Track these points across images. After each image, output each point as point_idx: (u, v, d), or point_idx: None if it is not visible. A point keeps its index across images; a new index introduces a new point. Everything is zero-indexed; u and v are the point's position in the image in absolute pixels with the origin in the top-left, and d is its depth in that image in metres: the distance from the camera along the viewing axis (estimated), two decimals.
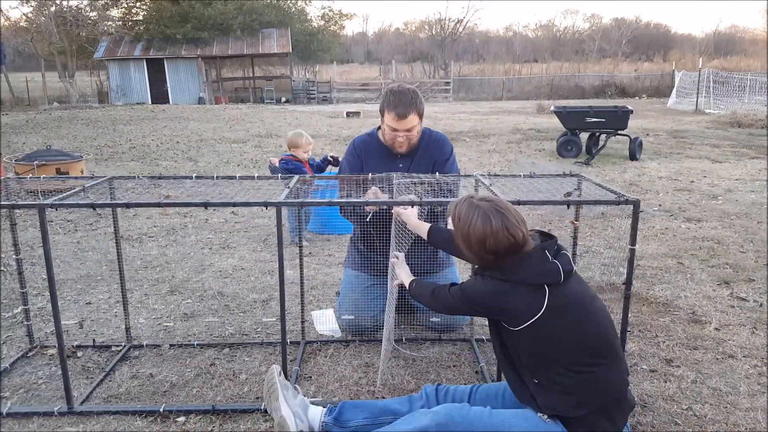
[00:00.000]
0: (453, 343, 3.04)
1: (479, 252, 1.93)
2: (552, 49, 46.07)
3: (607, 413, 1.91)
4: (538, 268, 1.89)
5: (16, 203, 2.30)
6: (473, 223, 1.91)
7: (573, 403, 1.88)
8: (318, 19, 35.59)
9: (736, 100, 19.87)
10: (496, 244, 1.88)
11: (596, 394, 1.90)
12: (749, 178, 7.77)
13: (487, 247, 1.89)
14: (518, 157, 9.80)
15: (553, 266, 1.89)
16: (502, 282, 1.92)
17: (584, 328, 1.91)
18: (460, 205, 1.99)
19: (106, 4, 28.98)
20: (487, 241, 1.89)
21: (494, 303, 1.93)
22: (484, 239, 1.89)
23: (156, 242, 4.94)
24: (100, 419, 2.35)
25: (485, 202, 1.95)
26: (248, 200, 2.37)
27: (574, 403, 1.88)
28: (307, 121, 16.69)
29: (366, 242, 3.07)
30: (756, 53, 37.48)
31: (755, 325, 3.24)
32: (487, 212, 1.90)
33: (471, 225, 1.91)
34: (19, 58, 38.60)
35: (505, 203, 1.96)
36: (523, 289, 1.88)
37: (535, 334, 1.88)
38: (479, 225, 1.90)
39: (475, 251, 1.95)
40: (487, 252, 1.91)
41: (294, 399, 2.16)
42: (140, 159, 9.75)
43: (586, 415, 1.88)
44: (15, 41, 29.55)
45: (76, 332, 3.17)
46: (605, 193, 2.44)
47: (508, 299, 1.90)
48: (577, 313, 1.90)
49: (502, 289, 1.91)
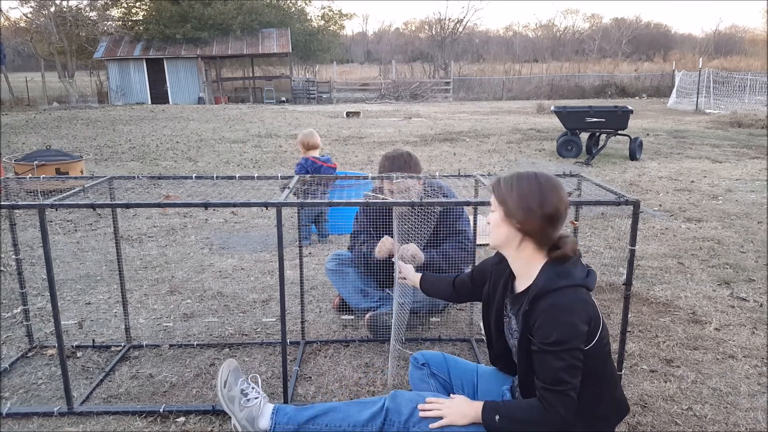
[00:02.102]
0: (453, 343, 3.04)
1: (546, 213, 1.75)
2: (552, 49, 46.07)
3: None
4: (585, 268, 1.82)
5: (16, 203, 2.29)
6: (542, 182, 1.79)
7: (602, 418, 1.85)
8: (318, 18, 35.65)
9: (737, 100, 19.87)
10: (556, 206, 1.76)
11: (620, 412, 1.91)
12: (749, 178, 7.77)
13: (546, 208, 1.75)
14: (518, 157, 9.80)
15: (593, 274, 1.83)
16: (573, 291, 1.74)
17: (609, 345, 1.88)
18: (506, 177, 1.85)
19: (106, 4, 29.00)
20: (551, 199, 1.75)
21: (584, 320, 1.71)
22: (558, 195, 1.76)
23: (156, 242, 4.94)
24: (100, 419, 2.35)
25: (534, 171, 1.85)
26: (248, 200, 2.36)
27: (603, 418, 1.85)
28: (307, 121, 16.69)
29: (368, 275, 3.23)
30: (756, 53, 37.48)
31: (755, 326, 3.24)
32: (544, 174, 1.83)
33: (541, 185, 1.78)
34: (19, 58, 38.59)
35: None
36: (585, 292, 1.77)
37: (596, 351, 1.75)
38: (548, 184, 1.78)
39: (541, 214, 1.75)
40: (552, 216, 1.76)
41: (241, 412, 2.12)
42: (140, 159, 9.75)
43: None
44: (15, 41, 29.55)
45: (76, 332, 3.17)
46: (605, 194, 2.44)
47: (586, 306, 1.74)
48: (606, 328, 1.86)
49: (578, 301, 1.73)
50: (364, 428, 1.97)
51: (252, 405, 2.12)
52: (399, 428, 1.93)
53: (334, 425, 2.00)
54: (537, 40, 52.74)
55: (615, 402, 1.89)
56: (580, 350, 1.71)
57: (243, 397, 2.15)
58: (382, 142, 11.80)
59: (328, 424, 2.01)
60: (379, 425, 1.95)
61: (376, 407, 1.99)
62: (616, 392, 1.90)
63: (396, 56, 41.43)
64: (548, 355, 1.71)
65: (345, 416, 2.01)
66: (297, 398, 2.53)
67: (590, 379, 1.77)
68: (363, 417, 1.98)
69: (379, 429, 1.95)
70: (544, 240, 1.81)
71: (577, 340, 1.70)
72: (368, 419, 1.97)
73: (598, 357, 1.77)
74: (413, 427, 1.92)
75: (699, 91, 20.22)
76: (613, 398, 1.88)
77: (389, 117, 18.21)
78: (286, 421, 2.05)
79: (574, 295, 1.74)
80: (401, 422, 1.93)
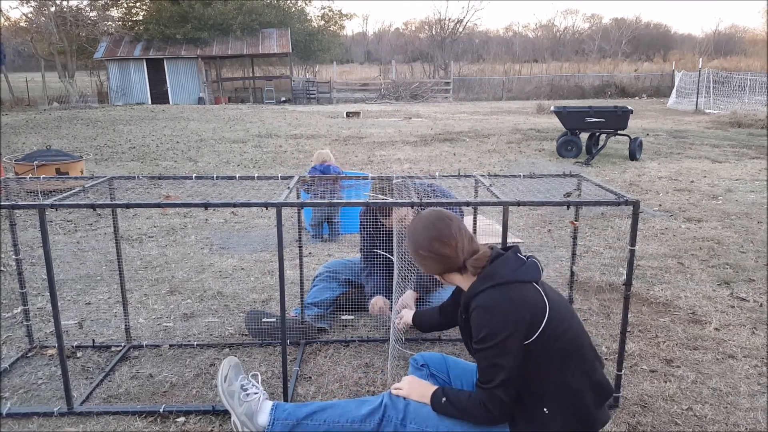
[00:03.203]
0: (453, 343, 3.04)
1: (433, 252, 1.90)
2: (552, 49, 46.07)
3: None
4: (518, 263, 1.84)
5: (16, 203, 2.29)
6: (418, 229, 1.94)
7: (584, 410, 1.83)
8: (318, 19, 35.65)
9: (736, 100, 19.87)
10: (446, 237, 1.88)
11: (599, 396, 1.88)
12: (749, 178, 7.77)
13: (436, 242, 1.88)
14: (518, 157, 9.80)
15: (532, 263, 1.86)
16: (497, 290, 1.78)
17: (579, 328, 1.88)
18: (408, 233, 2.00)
19: (106, 4, 29.00)
20: (437, 236, 1.89)
21: (512, 318, 1.74)
22: (433, 236, 1.89)
23: (156, 242, 4.94)
24: (100, 419, 2.35)
25: (425, 214, 1.98)
26: (248, 200, 2.36)
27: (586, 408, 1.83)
28: (307, 121, 16.70)
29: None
30: (756, 53, 37.48)
31: (755, 326, 3.24)
32: (428, 218, 1.94)
33: (416, 232, 1.94)
34: (19, 59, 38.61)
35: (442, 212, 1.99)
36: (517, 287, 1.79)
37: (549, 341, 1.76)
38: (425, 230, 1.92)
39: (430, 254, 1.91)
40: (440, 252, 1.88)
41: (240, 406, 2.13)
42: (140, 159, 9.75)
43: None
44: (15, 41, 29.59)
45: (76, 332, 3.17)
46: (605, 194, 2.44)
47: (514, 302, 1.76)
48: (567, 312, 1.87)
49: (500, 299, 1.77)
50: (362, 424, 1.97)
51: (251, 400, 2.13)
52: (396, 425, 1.94)
53: (332, 421, 2.00)
54: (537, 40, 52.75)
55: (593, 386, 1.85)
56: (511, 347, 1.74)
57: (243, 392, 2.15)
58: (382, 142, 11.80)
59: (326, 419, 2.01)
60: (376, 421, 1.96)
61: (375, 404, 2.00)
62: (593, 376, 1.86)
63: (396, 56, 41.42)
64: (479, 354, 1.80)
65: (343, 412, 2.01)
66: (297, 398, 2.53)
67: (552, 367, 1.78)
68: (361, 413, 1.99)
69: (376, 425, 1.96)
70: (453, 267, 1.91)
71: (506, 336, 1.73)
72: (366, 415, 1.98)
73: (554, 345, 1.77)
74: (410, 424, 1.92)
75: (699, 91, 20.22)
76: (591, 382, 1.85)
77: (389, 117, 18.21)
78: (285, 417, 2.05)
79: (497, 293, 1.78)
80: (398, 419, 1.94)
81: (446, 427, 1.89)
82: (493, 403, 1.79)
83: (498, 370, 1.75)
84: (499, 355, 1.74)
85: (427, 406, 1.94)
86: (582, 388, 1.82)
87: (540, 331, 1.75)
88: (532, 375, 1.79)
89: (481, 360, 1.80)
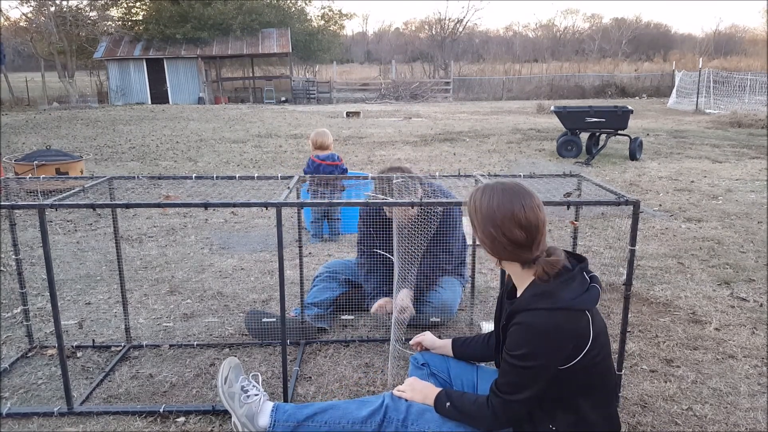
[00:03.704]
0: None
1: (507, 238, 1.70)
2: (552, 49, 46.07)
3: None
4: (582, 289, 1.71)
5: (16, 203, 2.29)
6: (494, 202, 1.72)
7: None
8: (318, 18, 35.67)
9: (736, 100, 19.87)
10: (526, 223, 1.68)
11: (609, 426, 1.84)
12: (749, 178, 7.77)
13: (515, 227, 1.68)
14: (518, 157, 9.80)
15: (594, 290, 1.74)
16: (551, 314, 1.67)
17: (610, 361, 1.83)
18: (474, 197, 1.79)
19: (106, 4, 28.99)
20: (517, 218, 1.68)
21: (555, 347, 1.66)
22: (512, 216, 1.68)
23: (156, 242, 4.94)
24: (100, 419, 2.35)
25: (502, 184, 1.76)
26: (248, 200, 2.36)
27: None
28: (307, 121, 16.69)
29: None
30: (756, 53, 37.48)
31: (755, 326, 3.24)
32: (507, 189, 1.74)
33: (491, 205, 1.72)
34: (19, 58, 38.60)
35: (521, 184, 1.78)
36: (571, 316, 1.68)
37: (579, 371, 1.70)
38: (503, 203, 1.70)
39: (502, 238, 1.71)
40: (516, 239, 1.69)
41: (240, 408, 2.12)
42: (140, 159, 9.75)
43: None
44: (15, 41, 29.54)
45: (76, 332, 3.17)
46: (605, 194, 2.44)
47: (563, 332, 1.67)
48: (606, 344, 1.79)
49: (551, 325, 1.66)
50: (363, 425, 1.97)
51: (252, 401, 2.12)
52: (398, 425, 1.93)
53: (333, 422, 2.00)
54: (537, 40, 52.75)
55: (605, 419, 1.82)
56: (544, 372, 1.69)
57: (243, 393, 2.15)
58: (382, 142, 11.80)
59: (327, 421, 2.01)
60: (378, 422, 1.95)
61: (376, 405, 1.99)
62: (608, 409, 1.84)
63: (396, 56, 41.41)
64: (509, 365, 1.73)
65: (344, 413, 2.01)
66: (297, 398, 2.53)
67: (572, 393, 1.76)
68: (362, 414, 1.98)
69: (378, 426, 1.95)
70: (520, 260, 1.75)
71: (543, 363, 1.68)
72: (367, 416, 1.97)
73: (582, 374, 1.73)
74: (412, 424, 1.92)
75: (699, 91, 20.21)
76: (604, 415, 1.82)
77: (389, 117, 18.21)
78: (285, 419, 2.05)
79: (550, 318, 1.66)
80: (400, 420, 1.94)
81: (449, 428, 1.89)
82: (506, 412, 1.76)
83: (524, 389, 1.72)
84: (529, 376, 1.70)
85: (430, 408, 1.94)
86: (594, 420, 1.79)
87: (575, 361, 1.70)
88: (550, 395, 1.76)
89: (508, 372, 1.74)
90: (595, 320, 1.74)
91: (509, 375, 1.74)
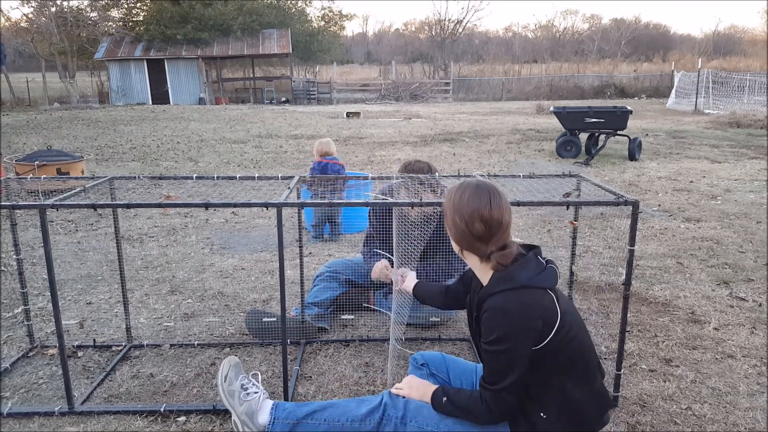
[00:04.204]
0: (453, 343, 3.05)
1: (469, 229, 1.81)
2: (551, 50, 46.07)
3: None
4: (538, 268, 1.81)
5: (17, 203, 2.30)
6: (465, 197, 1.83)
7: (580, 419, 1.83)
8: (318, 19, 35.68)
9: (735, 101, 19.88)
10: (488, 220, 1.79)
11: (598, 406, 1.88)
12: (748, 178, 7.78)
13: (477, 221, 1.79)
14: (518, 157, 9.81)
15: (551, 269, 1.83)
16: (513, 294, 1.75)
17: (586, 337, 1.87)
18: (452, 188, 1.92)
19: (107, 5, 29.02)
20: (481, 213, 1.78)
21: (525, 324, 1.72)
22: (477, 212, 1.79)
23: (156, 242, 4.95)
24: (101, 419, 2.36)
25: (476, 181, 1.89)
26: (249, 201, 2.37)
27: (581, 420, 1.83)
28: (307, 121, 16.70)
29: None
30: (755, 53, 37.49)
31: (754, 325, 3.25)
32: (480, 187, 1.84)
33: (462, 199, 1.83)
34: (20, 59, 38.59)
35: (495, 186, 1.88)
36: (533, 293, 1.76)
37: (555, 349, 1.76)
38: (472, 199, 1.81)
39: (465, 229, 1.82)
40: (476, 232, 1.80)
41: (240, 406, 2.13)
42: (141, 159, 9.75)
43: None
44: (15, 42, 29.57)
45: (77, 332, 3.18)
46: (604, 194, 2.45)
47: (529, 308, 1.73)
48: (577, 320, 1.86)
49: (515, 303, 1.74)
50: (362, 423, 1.98)
51: (251, 399, 2.13)
52: (396, 423, 1.95)
53: (332, 420, 2.01)
54: (536, 40, 52.75)
55: (593, 396, 1.86)
56: (521, 352, 1.73)
57: (243, 391, 2.16)
58: (382, 142, 11.81)
59: (326, 419, 2.02)
60: (376, 420, 1.96)
61: (374, 403, 2.01)
62: (593, 386, 1.88)
63: (396, 57, 41.42)
64: (488, 354, 1.78)
65: (343, 411, 2.02)
66: (297, 397, 2.54)
67: (554, 374, 1.79)
68: (361, 412, 1.99)
69: (376, 424, 1.96)
70: (478, 252, 1.84)
71: (518, 342, 1.72)
72: (366, 414, 1.98)
73: (560, 352, 1.77)
74: (410, 422, 1.93)
75: (698, 92, 20.23)
76: (591, 392, 1.86)
77: (389, 117, 18.22)
78: (285, 416, 2.06)
79: (516, 297, 1.74)
80: (398, 417, 1.95)
81: (447, 426, 1.90)
82: (497, 403, 1.80)
83: (506, 373, 1.76)
84: (508, 359, 1.74)
85: (428, 405, 1.95)
86: (581, 398, 1.82)
87: (549, 339, 1.74)
88: (534, 380, 1.80)
89: (489, 361, 1.80)
90: (560, 299, 1.82)
91: (490, 364, 1.80)
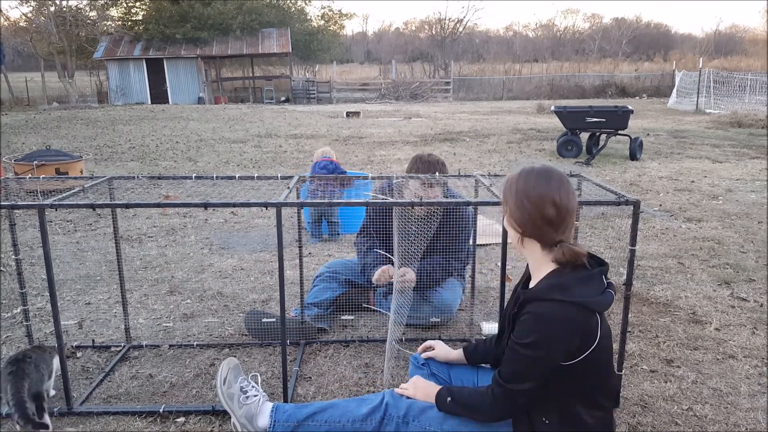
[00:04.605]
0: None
1: (540, 212, 1.71)
2: (552, 49, 46.07)
3: None
4: (597, 291, 1.71)
5: (16, 203, 2.29)
6: (532, 180, 1.75)
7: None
8: (318, 18, 35.66)
9: (737, 100, 19.86)
10: (559, 204, 1.70)
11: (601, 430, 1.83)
12: (750, 178, 7.77)
13: (549, 205, 1.70)
14: (518, 157, 9.80)
15: (609, 295, 1.73)
16: (564, 306, 1.67)
17: (611, 366, 1.84)
18: (511, 174, 1.83)
19: (106, 4, 29.01)
20: (552, 197, 1.70)
21: (564, 339, 1.66)
22: (548, 195, 1.70)
23: (155, 242, 4.94)
24: (100, 420, 2.35)
25: (541, 166, 1.80)
26: (248, 200, 2.36)
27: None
28: (307, 121, 16.69)
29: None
30: (756, 53, 37.46)
31: (756, 326, 3.24)
32: (550, 171, 1.77)
33: (529, 182, 1.75)
34: (19, 58, 38.61)
35: (562, 172, 1.82)
36: (583, 313, 1.68)
37: (579, 371, 1.71)
38: (540, 181, 1.73)
39: (534, 211, 1.72)
40: (547, 215, 1.70)
41: (240, 409, 2.12)
42: (140, 159, 9.74)
43: None
44: (14, 41, 29.53)
45: (76, 332, 3.17)
46: (605, 194, 2.44)
47: (573, 325, 1.67)
48: (607, 346, 1.79)
49: (562, 318, 1.66)
50: (363, 423, 1.96)
51: (251, 402, 2.12)
52: (398, 423, 1.93)
53: (333, 421, 2.00)
54: (537, 40, 52.75)
55: (600, 420, 1.81)
56: (548, 363, 1.69)
57: (242, 394, 2.14)
58: (382, 142, 11.80)
59: (327, 420, 2.00)
60: (378, 420, 1.95)
61: (376, 402, 1.99)
62: (605, 411, 1.83)
63: (396, 56, 41.41)
64: (515, 353, 1.73)
65: (344, 412, 2.01)
66: (297, 398, 2.53)
67: (569, 391, 1.76)
68: (362, 412, 1.98)
69: (378, 424, 1.95)
70: (544, 239, 1.75)
71: (550, 354, 1.68)
72: (367, 414, 1.97)
73: (581, 376, 1.73)
74: (412, 422, 1.92)
75: (699, 91, 20.22)
76: (601, 416, 1.81)
77: (389, 117, 18.21)
78: (285, 419, 2.05)
79: (562, 311, 1.67)
80: (400, 417, 1.93)
81: (450, 426, 1.88)
82: (509, 401, 1.76)
83: (527, 378, 1.72)
84: (535, 366, 1.70)
85: (431, 405, 1.93)
86: (587, 420, 1.78)
87: (579, 359, 1.70)
88: (550, 390, 1.76)
89: (513, 361, 1.74)
90: (603, 324, 1.74)
91: (514, 364, 1.74)
